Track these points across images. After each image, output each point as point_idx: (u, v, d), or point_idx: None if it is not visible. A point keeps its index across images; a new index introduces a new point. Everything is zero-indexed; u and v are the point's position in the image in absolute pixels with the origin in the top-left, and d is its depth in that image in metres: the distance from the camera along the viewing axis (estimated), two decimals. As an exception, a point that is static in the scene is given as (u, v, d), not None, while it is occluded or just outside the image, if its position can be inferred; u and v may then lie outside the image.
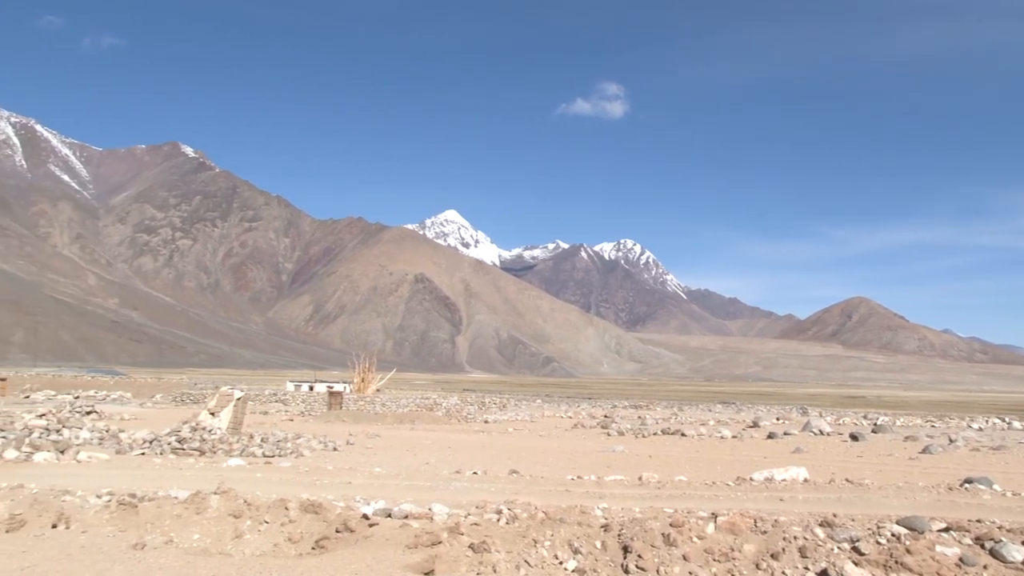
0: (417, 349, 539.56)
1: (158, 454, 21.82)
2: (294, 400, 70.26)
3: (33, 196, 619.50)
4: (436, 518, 10.42)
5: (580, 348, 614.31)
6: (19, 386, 76.14)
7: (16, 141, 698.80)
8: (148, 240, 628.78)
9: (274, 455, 22.48)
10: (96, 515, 10.29)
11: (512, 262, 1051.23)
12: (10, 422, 26.52)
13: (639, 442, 32.45)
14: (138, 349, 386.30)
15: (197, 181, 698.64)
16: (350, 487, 15.29)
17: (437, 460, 22.80)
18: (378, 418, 47.21)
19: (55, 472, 16.72)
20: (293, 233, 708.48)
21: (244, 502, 10.43)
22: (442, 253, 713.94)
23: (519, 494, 14.12)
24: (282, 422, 40.63)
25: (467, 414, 55.83)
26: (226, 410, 27.92)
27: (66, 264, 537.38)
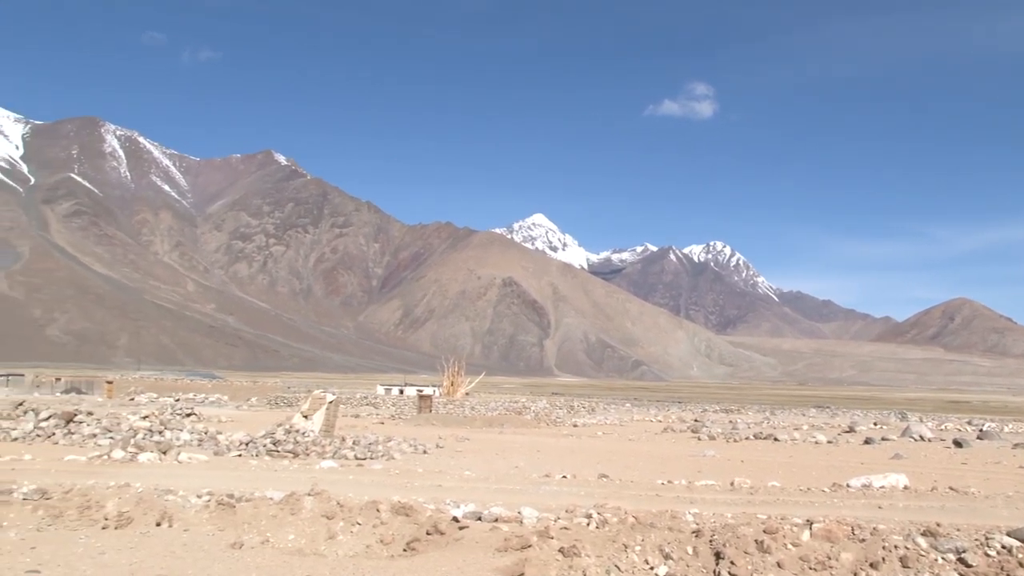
0: (506, 353, 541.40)
1: (254, 456, 22.31)
2: (384, 404, 71.20)
3: (136, 205, 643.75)
4: (526, 522, 10.37)
5: (669, 351, 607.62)
6: (124, 388, 79.08)
7: (121, 153, 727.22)
8: (243, 247, 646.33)
9: (365, 458, 22.74)
10: (197, 514, 10.55)
11: (600, 265, 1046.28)
12: (117, 423, 27.50)
13: (730, 446, 31.89)
14: (234, 353, 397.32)
15: (289, 188, 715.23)
16: (440, 490, 15.36)
17: (526, 464, 22.76)
18: (467, 421, 47.46)
19: (158, 472, 17.25)
20: (383, 238, 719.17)
21: (337, 504, 10.56)
22: (530, 257, 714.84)
23: (609, 498, 13.97)
24: (373, 425, 41.20)
25: (556, 418, 55.73)
26: (319, 413, 28.40)
27: (166, 271, 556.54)
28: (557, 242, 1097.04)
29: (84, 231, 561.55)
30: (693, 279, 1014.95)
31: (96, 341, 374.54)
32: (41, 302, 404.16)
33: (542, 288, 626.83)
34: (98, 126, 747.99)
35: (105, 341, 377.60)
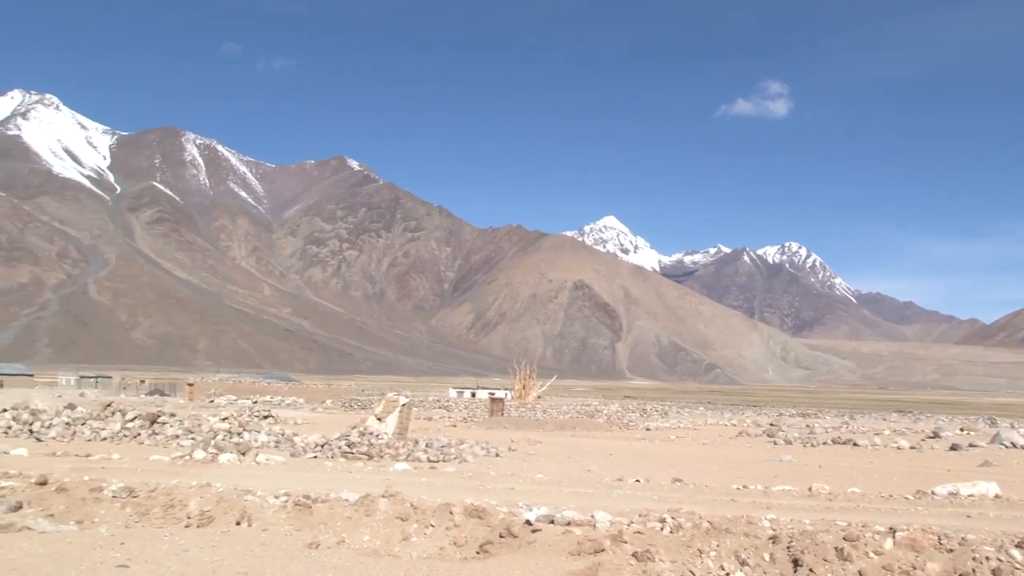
0: (577, 356, 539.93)
1: (329, 457, 22.65)
2: (457, 406, 71.58)
3: (215, 212, 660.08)
4: (599, 525, 10.33)
5: (744, 354, 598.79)
6: (205, 391, 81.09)
7: (201, 161, 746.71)
8: (317, 252, 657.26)
9: (438, 460, 22.89)
10: (275, 514, 10.77)
11: (672, 268, 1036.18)
12: (198, 425, 28.25)
13: (807, 451, 31.31)
14: (309, 356, 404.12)
15: (362, 194, 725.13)
16: (513, 493, 15.39)
17: (599, 467, 22.68)
18: (539, 424, 47.47)
19: (237, 472, 17.65)
20: (454, 242, 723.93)
21: (411, 506, 10.66)
22: (601, 260, 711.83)
23: (682, 503, 13.84)
24: (446, 428, 41.47)
25: (628, 421, 55.37)
26: (392, 416, 28.71)
27: (244, 276, 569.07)
28: (629, 244, 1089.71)
29: (166, 237, 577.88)
30: (768, 281, 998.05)
31: (178, 344, 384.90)
32: (127, 307, 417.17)
33: (614, 291, 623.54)
34: (179, 135, 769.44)
35: (186, 344, 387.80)
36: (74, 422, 27.63)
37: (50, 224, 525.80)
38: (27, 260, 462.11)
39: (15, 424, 27.67)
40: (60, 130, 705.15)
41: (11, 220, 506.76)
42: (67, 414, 29.17)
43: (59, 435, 25.95)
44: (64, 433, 26.14)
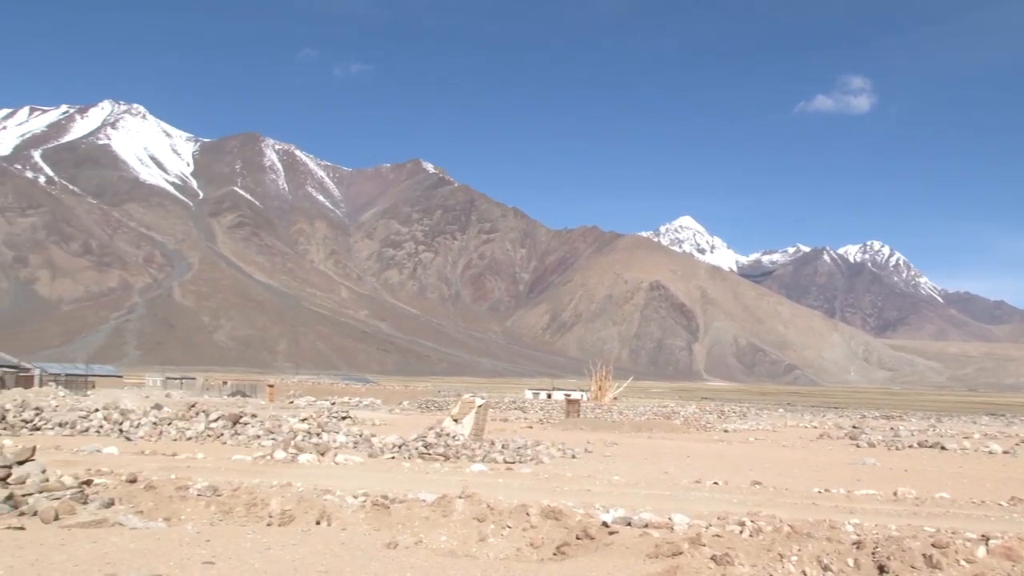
0: (653, 357, 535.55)
1: (406, 458, 22.88)
2: (532, 408, 71.64)
3: (293, 216, 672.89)
4: (676, 528, 10.23)
5: (824, 355, 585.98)
6: (284, 392, 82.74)
7: (280, 166, 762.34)
8: (394, 254, 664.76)
9: (514, 461, 22.93)
10: (353, 514, 10.92)
11: (750, 267, 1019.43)
12: (278, 425, 28.84)
13: (892, 455, 30.52)
14: (386, 358, 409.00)
15: (438, 196, 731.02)
16: (589, 494, 15.34)
17: (676, 469, 22.47)
18: (615, 426, 47.23)
19: (316, 472, 17.95)
20: (529, 243, 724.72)
21: (487, 506, 10.70)
22: (677, 260, 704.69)
23: (762, 506, 13.62)
24: (521, 429, 41.54)
25: (706, 423, 54.74)
26: (468, 417, 28.87)
27: (322, 278, 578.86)
28: (705, 244, 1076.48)
29: (246, 241, 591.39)
30: (849, 280, 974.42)
31: (258, 346, 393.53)
32: (209, 309, 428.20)
33: (690, 291, 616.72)
34: (259, 141, 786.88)
35: (266, 346, 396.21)
36: (161, 422, 28.46)
37: (137, 230, 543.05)
38: (116, 265, 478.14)
39: (106, 423, 28.64)
40: (146, 138, 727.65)
41: (101, 226, 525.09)
42: (154, 414, 30.05)
43: (147, 434, 26.77)
44: (152, 433, 26.96)
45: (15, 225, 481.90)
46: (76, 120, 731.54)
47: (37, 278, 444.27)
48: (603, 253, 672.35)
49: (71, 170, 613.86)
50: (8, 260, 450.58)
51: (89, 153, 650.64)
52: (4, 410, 28.87)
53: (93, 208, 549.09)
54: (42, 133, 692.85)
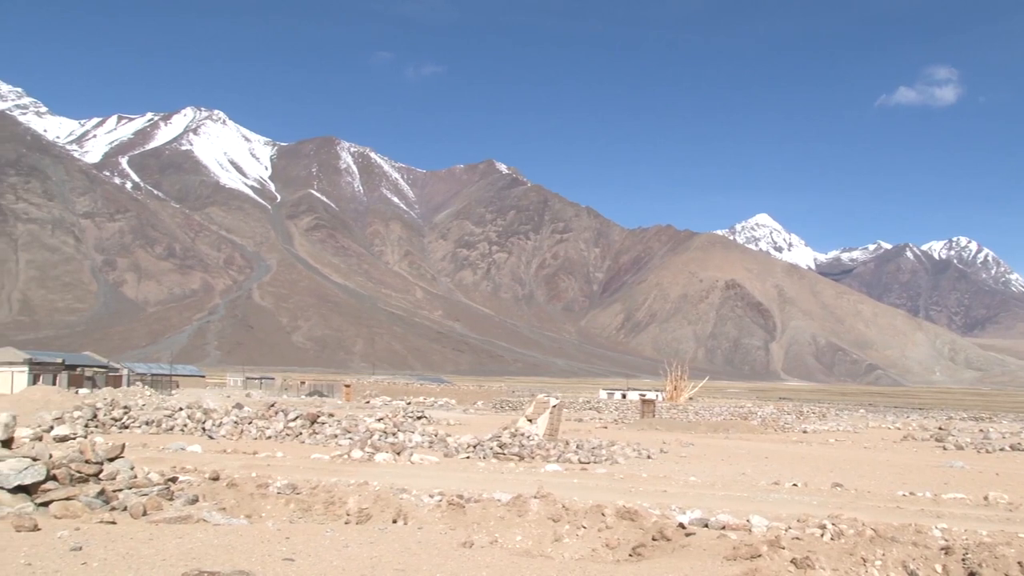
0: (729, 357, 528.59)
1: (481, 458, 22.99)
2: (607, 408, 71.41)
3: (368, 218, 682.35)
4: (754, 530, 10.07)
5: (908, 355, 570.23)
6: (361, 392, 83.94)
7: (355, 169, 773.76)
8: (467, 255, 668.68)
9: (589, 462, 22.87)
10: (429, 513, 11.01)
11: (829, 265, 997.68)
12: (355, 425, 29.26)
13: (982, 458, 29.57)
14: (460, 358, 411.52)
15: (511, 196, 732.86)
16: (665, 495, 15.21)
17: (753, 471, 22.14)
18: (691, 426, 46.76)
19: (393, 471, 18.16)
20: (603, 243, 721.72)
21: (562, 507, 10.68)
22: (753, 258, 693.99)
23: (843, 509, 13.32)
24: (596, 429, 41.41)
25: (784, 423, 53.83)
26: (543, 417, 28.89)
27: (397, 279, 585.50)
28: (782, 242, 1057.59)
29: (323, 243, 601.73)
30: (933, 278, 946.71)
31: (334, 347, 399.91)
32: (287, 310, 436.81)
33: (767, 290, 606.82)
34: (334, 144, 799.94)
35: (343, 347, 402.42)
36: (241, 421, 29.13)
37: (218, 233, 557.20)
38: (198, 267, 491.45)
39: (190, 422, 29.45)
40: (226, 143, 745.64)
41: (184, 230, 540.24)
42: (235, 413, 30.77)
43: (228, 433, 27.44)
44: (233, 431, 27.62)
45: (104, 230, 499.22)
46: (160, 127, 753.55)
47: (124, 281, 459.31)
48: (677, 252, 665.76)
49: (155, 175, 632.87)
50: (98, 264, 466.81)
51: (172, 159, 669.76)
52: (95, 409, 29.90)
53: (176, 212, 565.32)
54: (129, 140, 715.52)
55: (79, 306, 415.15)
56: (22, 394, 49.41)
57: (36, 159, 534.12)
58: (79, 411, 29.55)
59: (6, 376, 67.36)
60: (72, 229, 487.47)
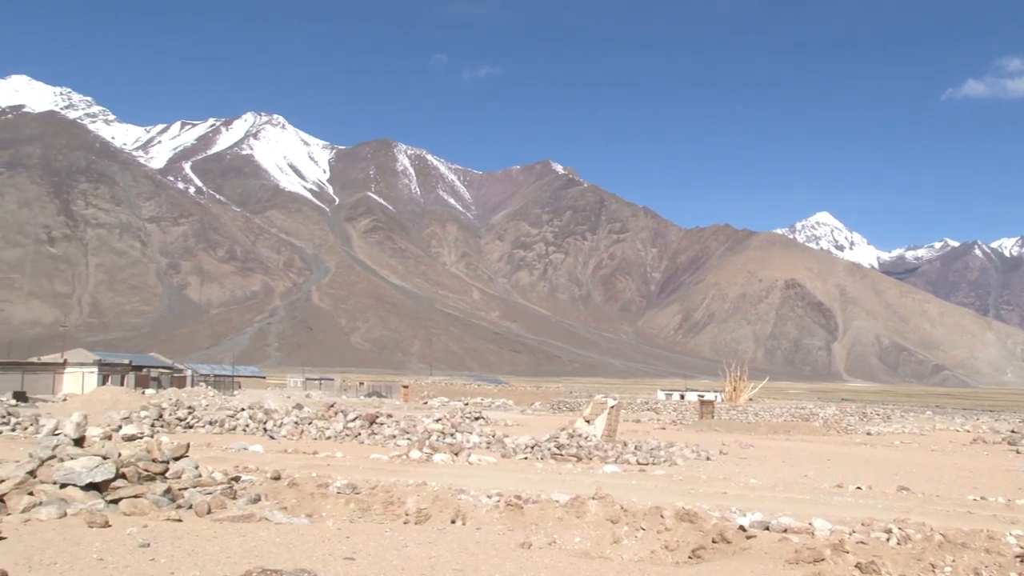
0: (790, 357, 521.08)
1: (539, 459, 22.98)
2: (665, 409, 70.90)
3: (425, 219, 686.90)
4: (818, 533, 9.90)
5: (977, 355, 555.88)
6: (419, 392, 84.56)
7: (412, 171, 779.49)
8: (524, 255, 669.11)
9: (647, 463, 22.73)
10: (487, 513, 11.03)
11: (893, 264, 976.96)
12: (413, 425, 29.45)
13: (1056, 461, 28.70)
14: (517, 359, 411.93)
15: (567, 197, 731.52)
16: (724, 497, 15.05)
17: (816, 473, 21.79)
18: (751, 428, 46.22)
19: (451, 472, 18.24)
20: (660, 243, 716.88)
21: (621, 508, 10.61)
22: (814, 257, 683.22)
23: (910, 513, 13.03)
24: (654, 430, 41.15)
25: (847, 425, 52.95)
26: (600, 418, 28.78)
27: (454, 281, 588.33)
28: (844, 241, 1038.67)
29: (380, 245, 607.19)
30: (1004, 276, 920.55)
31: (392, 348, 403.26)
32: (346, 312, 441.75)
33: (828, 289, 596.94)
34: (391, 147, 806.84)
35: (400, 348, 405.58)
36: (302, 421, 29.52)
37: (278, 236, 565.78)
38: (259, 270, 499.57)
39: (252, 423, 29.94)
40: (286, 147, 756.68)
41: (245, 233, 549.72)
42: (295, 414, 31.19)
43: (289, 433, 27.83)
44: (293, 432, 28.00)
45: (168, 234, 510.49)
46: (222, 132, 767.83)
47: (188, 283, 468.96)
48: (736, 252, 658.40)
49: (217, 180, 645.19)
50: (163, 267, 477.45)
51: (234, 163, 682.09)
52: (161, 409, 30.57)
53: (237, 216, 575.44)
54: (192, 146, 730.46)
55: (145, 308, 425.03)
56: (92, 394, 50.79)
57: (105, 166, 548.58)
58: (146, 411, 30.23)
59: (77, 377, 69.24)
60: (138, 233, 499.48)
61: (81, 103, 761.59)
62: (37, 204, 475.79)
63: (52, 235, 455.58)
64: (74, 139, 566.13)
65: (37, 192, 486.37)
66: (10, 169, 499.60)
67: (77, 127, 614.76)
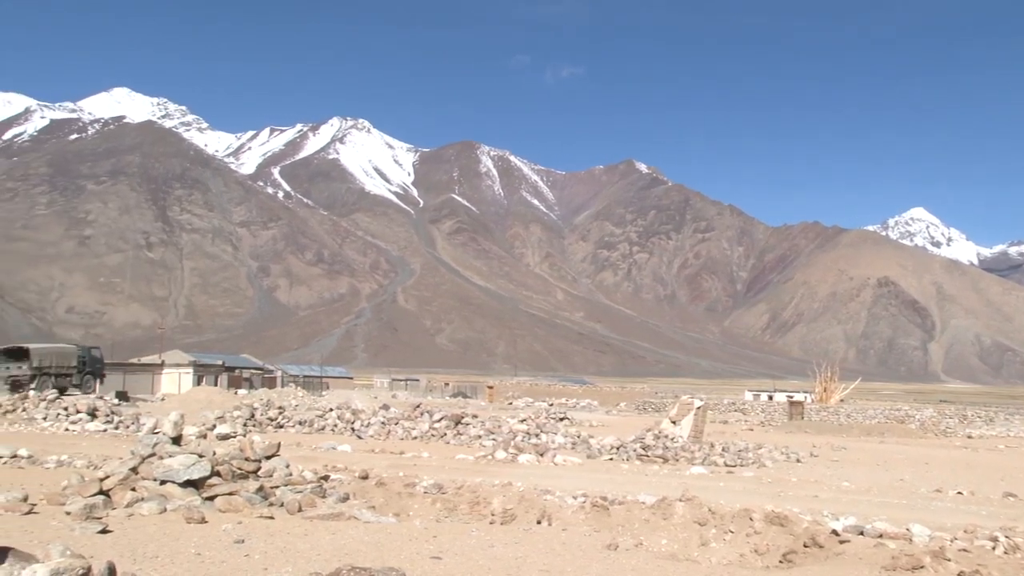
0: (883, 357, 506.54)
1: (624, 460, 22.83)
2: (753, 410, 69.77)
3: (509, 220, 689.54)
4: (916, 540, 9.57)
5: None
6: (503, 393, 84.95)
7: (495, 172, 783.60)
8: (608, 255, 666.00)
9: (735, 465, 22.40)
10: (573, 514, 10.98)
11: (994, 261, 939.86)
12: (498, 426, 29.59)
13: None
14: (602, 359, 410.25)
15: (651, 196, 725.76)
16: (816, 500, 14.72)
17: (912, 477, 21.14)
18: (843, 429, 45.16)
19: (536, 472, 18.24)
20: (746, 242, 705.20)
21: (708, 510, 10.45)
22: (908, 254, 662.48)
23: (1017, 521, 12.53)
24: (742, 432, 40.51)
25: (945, 428, 51.31)
26: (687, 419, 28.47)
27: (537, 281, 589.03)
28: (940, 237, 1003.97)
29: (464, 247, 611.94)
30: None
31: (477, 348, 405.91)
32: (431, 313, 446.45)
33: (924, 287, 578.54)
34: (474, 149, 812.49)
35: (485, 348, 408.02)
36: (388, 422, 29.91)
37: (364, 238, 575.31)
38: (345, 272, 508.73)
39: (340, 422, 30.47)
40: (371, 151, 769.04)
41: (332, 236, 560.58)
42: (382, 414, 31.62)
43: (376, 433, 28.23)
44: (380, 432, 28.39)
45: (259, 238, 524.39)
46: (309, 137, 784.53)
47: (277, 286, 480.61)
48: (825, 249, 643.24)
49: (305, 184, 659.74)
50: (253, 270, 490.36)
51: (320, 168, 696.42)
52: (253, 409, 31.34)
53: (324, 219, 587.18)
54: (280, 151, 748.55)
55: (237, 310, 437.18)
56: (188, 394, 52.43)
57: (198, 172, 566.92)
58: (238, 411, 31.04)
59: (174, 377, 71.52)
60: (230, 237, 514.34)
61: (176, 112, 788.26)
62: (136, 211, 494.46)
63: (150, 240, 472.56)
64: (170, 147, 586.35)
65: (136, 199, 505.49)
66: (112, 178, 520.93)
67: (173, 136, 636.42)
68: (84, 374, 51.82)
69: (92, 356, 54.11)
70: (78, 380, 50.69)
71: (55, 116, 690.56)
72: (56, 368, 49.82)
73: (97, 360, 54.74)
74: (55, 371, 49.57)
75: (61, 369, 50.16)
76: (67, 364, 50.81)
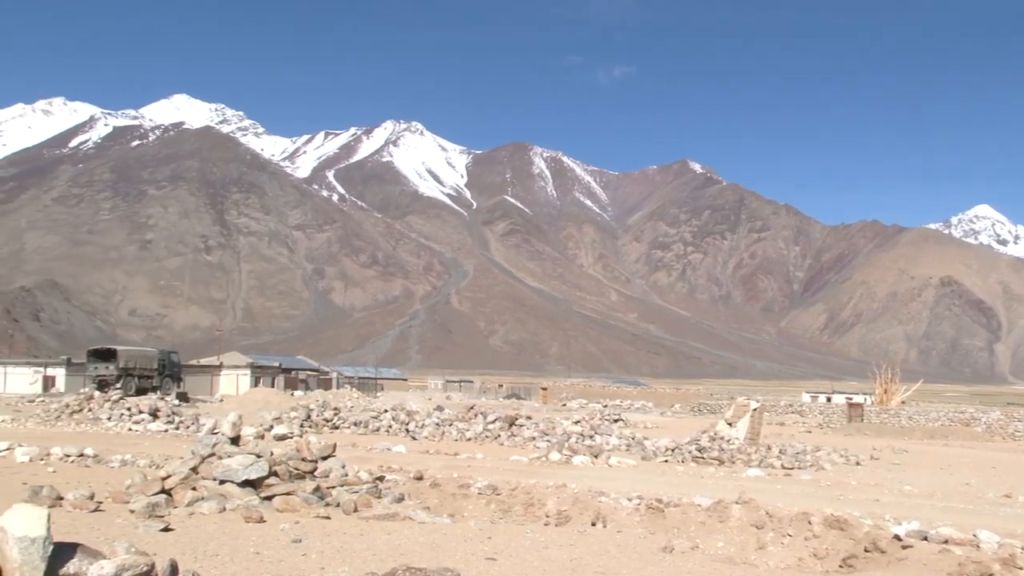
0: (946, 358, 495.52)
1: (679, 462, 22.66)
2: (811, 412, 68.83)
3: (562, 222, 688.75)
4: (983, 546, 9.31)
5: None
6: (557, 394, 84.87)
7: (548, 173, 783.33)
8: (662, 256, 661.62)
9: (793, 467, 22.10)
10: (628, 516, 10.93)
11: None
12: (552, 427, 29.57)
13: None
14: (656, 361, 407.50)
15: (705, 196, 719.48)
16: (877, 504, 14.45)
17: (979, 481, 20.63)
18: (904, 432, 44.33)
19: (590, 474, 18.18)
20: (803, 241, 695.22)
21: (765, 513, 10.32)
22: (973, 253, 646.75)
23: (1089, 526, 12.15)
24: (799, 434, 39.98)
25: (1014, 431, 50.02)
26: (743, 420, 28.12)
27: (591, 282, 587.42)
28: (1007, 235, 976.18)
29: (518, 248, 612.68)
30: None
31: (530, 350, 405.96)
32: (484, 315, 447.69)
33: (989, 287, 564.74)
34: (527, 150, 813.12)
35: (538, 350, 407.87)
36: (443, 423, 30.06)
37: (417, 240, 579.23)
38: (399, 274, 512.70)
39: (394, 424, 30.71)
40: (424, 153, 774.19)
41: (386, 238, 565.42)
42: (436, 415, 31.78)
43: (430, 434, 28.40)
44: (435, 433, 28.55)
45: (314, 240, 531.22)
46: (363, 140, 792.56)
47: (332, 288, 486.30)
48: (885, 248, 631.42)
49: (359, 187, 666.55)
50: (309, 272, 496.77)
51: (374, 170, 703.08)
52: (309, 410, 31.74)
53: (378, 222, 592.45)
54: (335, 155, 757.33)
55: (293, 312, 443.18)
56: (246, 395, 53.43)
57: (255, 176, 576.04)
58: (295, 412, 31.45)
59: (232, 379, 72.84)
60: (286, 240, 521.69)
61: (234, 117, 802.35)
62: (195, 215, 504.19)
63: (208, 244, 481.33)
64: (227, 152, 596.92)
65: (195, 203, 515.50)
66: (172, 183, 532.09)
67: (230, 141, 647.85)
68: (164, 376, 53.99)
69: (171, 360, 56.63)
70: (158, 382, 52.99)
71: (118, 123, 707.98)
72: (140, 370, 52.14)
73: (175, 364, 57.39)
74: (139, 372, 51.93)
75: (144, 371, 52.48)
76: (149, 367, 53.15)
